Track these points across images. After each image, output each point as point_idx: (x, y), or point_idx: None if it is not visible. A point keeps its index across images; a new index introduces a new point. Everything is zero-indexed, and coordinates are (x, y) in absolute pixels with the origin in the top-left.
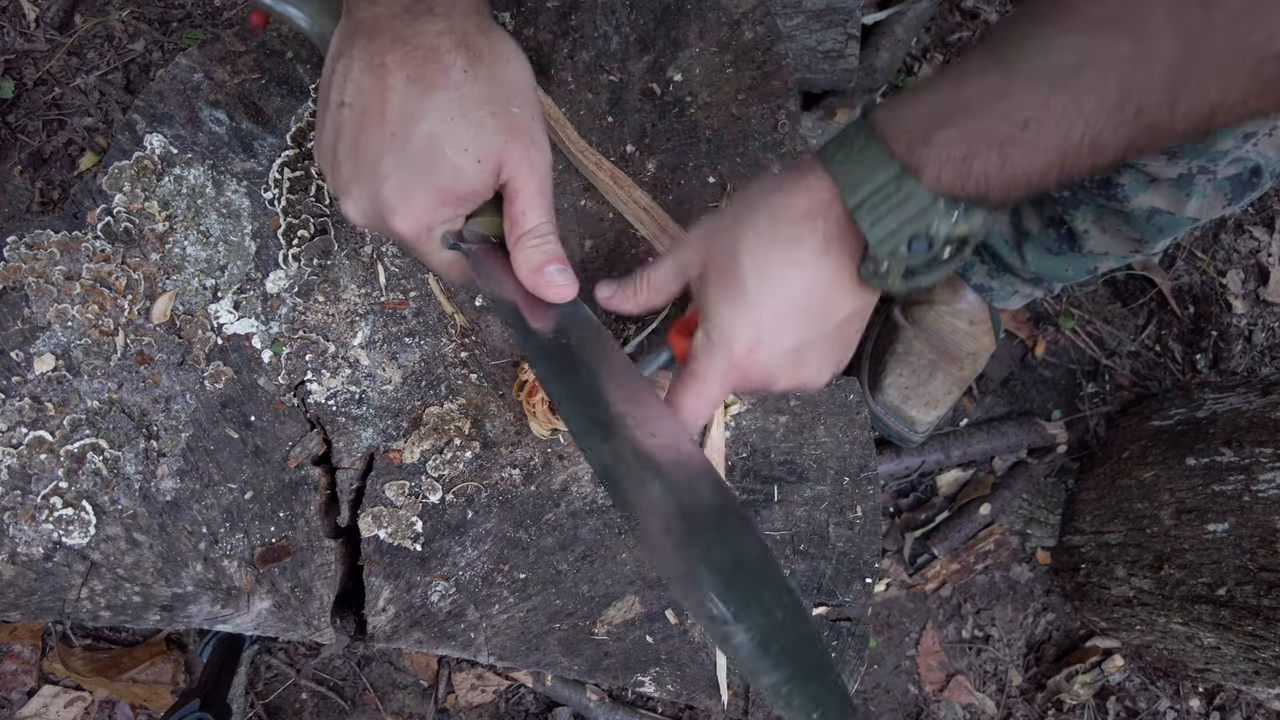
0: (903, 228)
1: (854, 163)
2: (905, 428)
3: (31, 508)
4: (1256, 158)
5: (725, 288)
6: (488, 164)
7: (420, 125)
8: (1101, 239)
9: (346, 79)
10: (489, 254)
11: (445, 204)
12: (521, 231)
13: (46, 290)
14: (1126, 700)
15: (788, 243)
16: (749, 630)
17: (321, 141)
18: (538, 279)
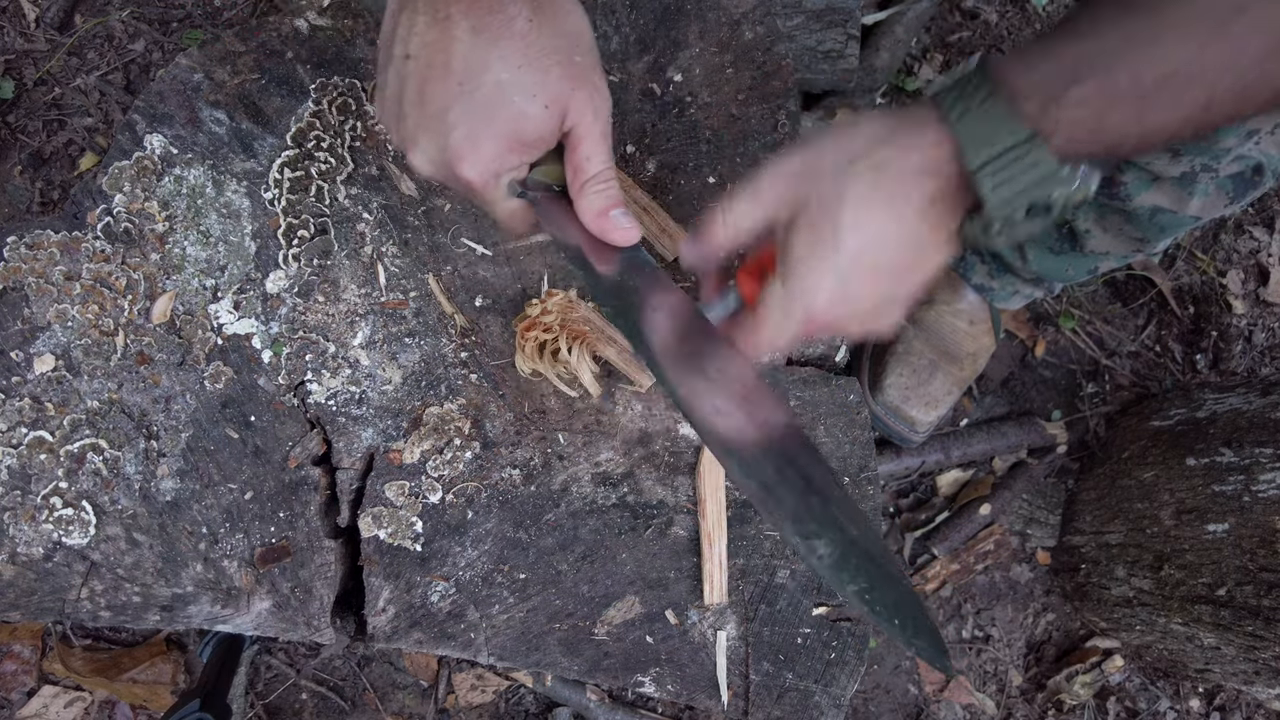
0: (1025, 194)
1: (977, 120)
2: (905, 428)
3: (31, 508)
4: (1259, 156)
5: (817, 241)
6: (554, 110)
7: (487, 74)
8: (1103, 238)
9: (411, 32)
10: (553, 201)
11: (513, 151)
12: (586, 177)
13: (46, 290)
14: (1126, 700)
15: (892, 199)
16: (829, 544)
17: (385, 95)
18: (603, 223)
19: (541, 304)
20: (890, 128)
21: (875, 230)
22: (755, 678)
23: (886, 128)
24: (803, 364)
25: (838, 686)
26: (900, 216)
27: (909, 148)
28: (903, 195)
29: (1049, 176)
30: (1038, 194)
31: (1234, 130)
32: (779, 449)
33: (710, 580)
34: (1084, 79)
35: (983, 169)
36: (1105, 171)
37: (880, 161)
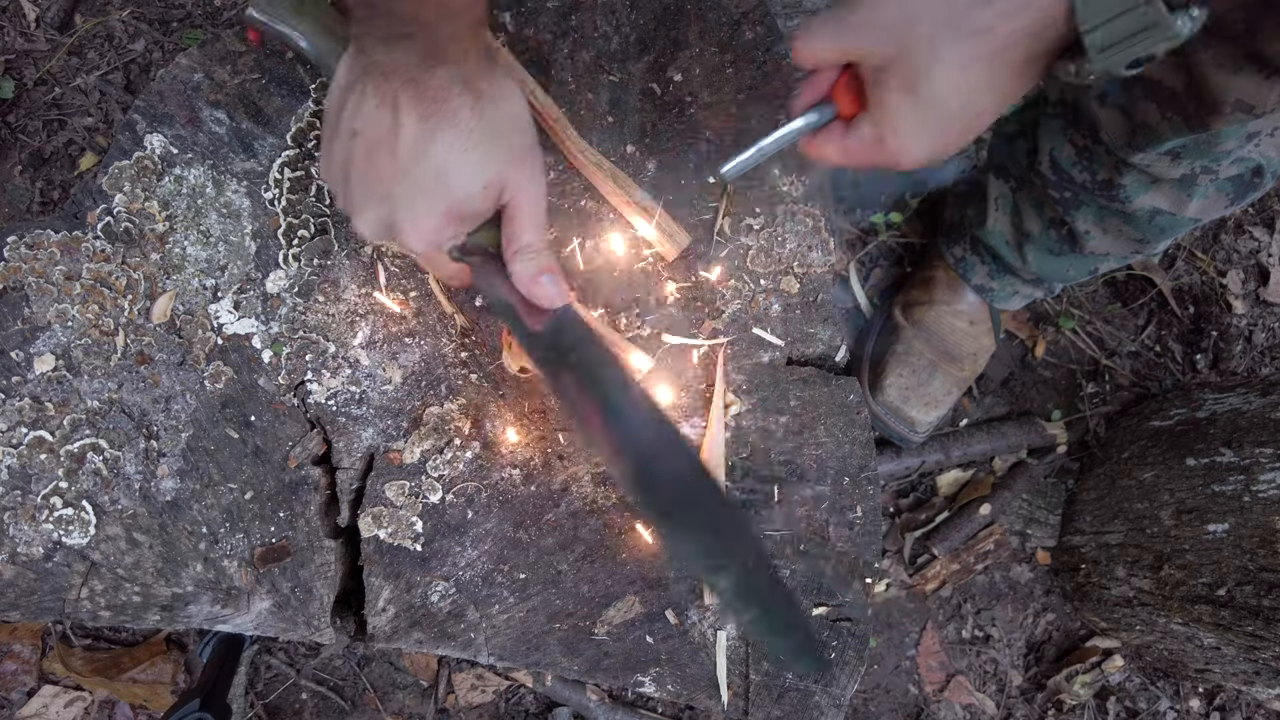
0: (1133, 51)
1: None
2: (905, 428)
3: (31, 508)
4: (1258, 158)
5: (914, 102)
6: (491, 189)
7: (430, 159)
8: (1103, 240)
9: (359, 111)
10: (489, 262)
11: (451, 224)
12: (518, 246)
13: (46, 290)
14: (1126, 700)
15: (992, 65)
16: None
17: (331, 164)
18: (533, 287)
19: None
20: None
21: (969, 91)
22: (755, 678)
23: None
24: (803, 364)
25: (838, 686)
26: (998, 79)
27: (1015, 10)
28: (1002, 58)
29: (1163, 34)
30: (1146, 50)
31: (1235, 132)
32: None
33: None
34: None
35: (1094, 31)
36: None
37: (983, 25)
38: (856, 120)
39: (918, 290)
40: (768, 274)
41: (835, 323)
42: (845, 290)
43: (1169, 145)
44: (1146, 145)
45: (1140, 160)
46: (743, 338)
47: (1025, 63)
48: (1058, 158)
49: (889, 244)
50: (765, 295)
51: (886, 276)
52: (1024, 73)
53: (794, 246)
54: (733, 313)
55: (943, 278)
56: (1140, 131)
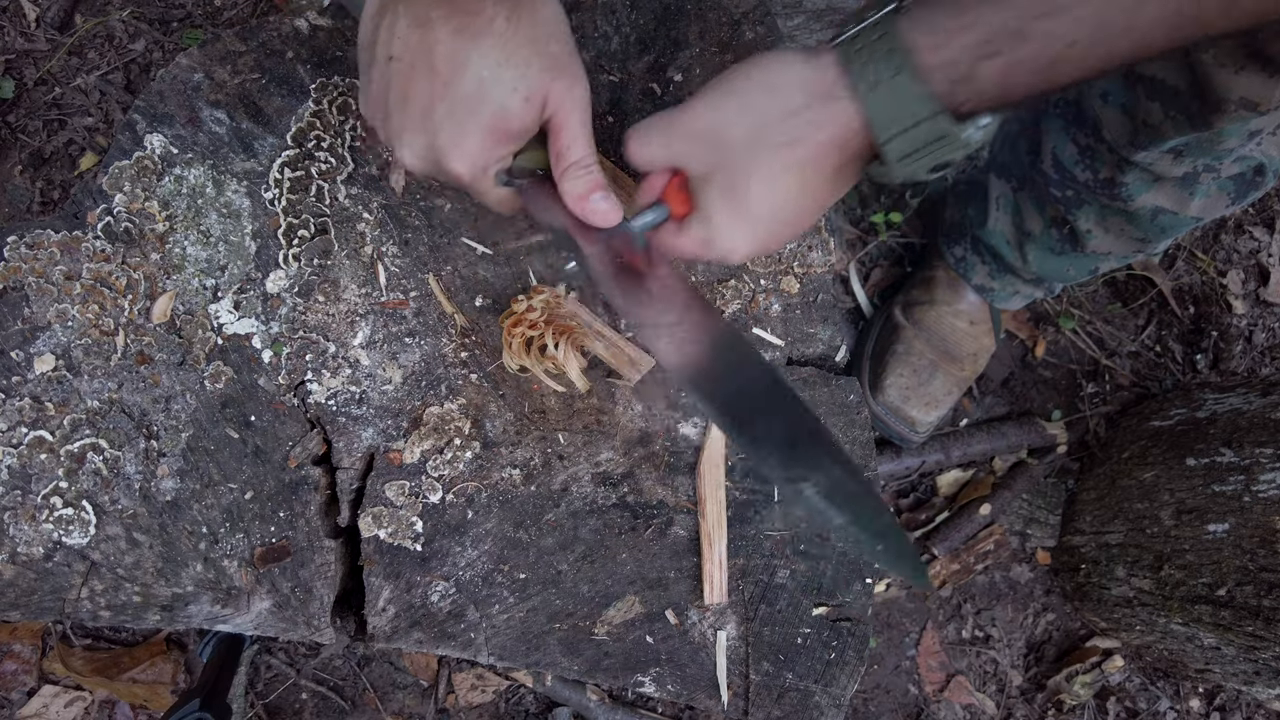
0: (930, 159)
1: (887, 96)
2: (906, 428)
3: (31, 507)
4: (1260, 156)
5: (735, 207)
6: (534, 102)
7: (469, 72)
8: (1104, 239)
9: (393, 34)
10: (538, 186)
11: (498, 144)
12: (567, 164)
13: (47, 290)
14: (1126, 701)
15: (802, 171)
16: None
17: (370, 94)
18: (584, 205)
19: (527, 300)
20: (800, 101)
21: (786, 199)
22: (755, 678)
23: (795, 101)
24: (803, 364)
25: (838, 686)
26: (809, 185)
27: (819, 124)
28: (813, 166)
29: (953, 144)
30: (941, 158)
31: (1236, 130)
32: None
33: (710, 580)
34: (993, 55)
35: (890, 142)
36: (1004, 115)
37: (791, 137)
38: (687, 221)
39: (918, 290)
40: (768, 274)
41: (835, 323)
42: (845, 290)
43: (1172, 144)
44: (1149, 144)
45: (1143, 159)
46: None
47: (835, 170)
48: (1060, 156)
49: (889, 244)
50: (765, 295)
51: (886, 276)
52: (835, 179)
53: (794, 246)
54: (733, 313)
55: (943, 277)
56: (1143, 130)
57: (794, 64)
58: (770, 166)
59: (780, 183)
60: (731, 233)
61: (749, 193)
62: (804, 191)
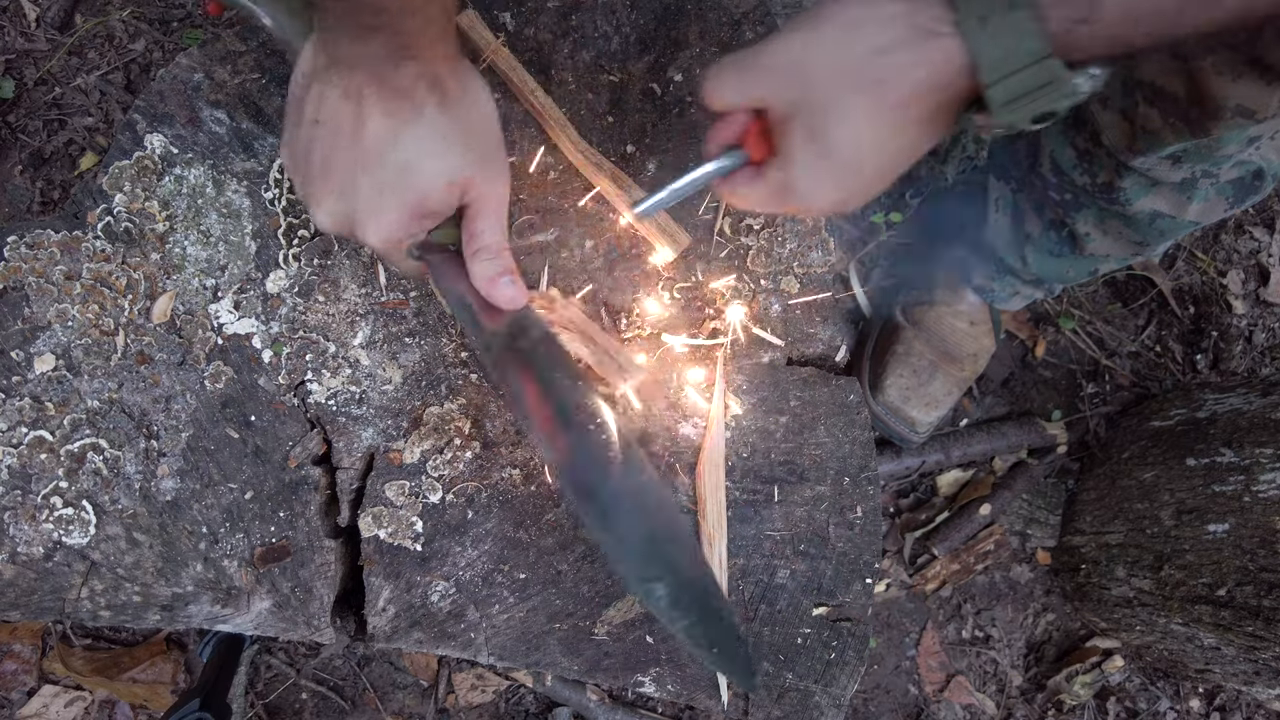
0: (1036, 107)
1: (997, 34)
2: (906, 428)
3: (32, 507)
4: (1259, 161)
5: (817, 151)
6: (455, 189)
7: (394, 154)
8: (1103, 241)
9: (322, 101)
10: (448, 261)
11: (413, 221)
12: (478, 247)
13: (47, 290)
14: (1126, 701)
15: (894, 115)
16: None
17: (293, 151)
18: (492, 290)
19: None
20: (898, 35)
21: (875, 144)
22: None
23: (892, 35)
24: (803, 364)
25: (838, 686)
26: (901, 129)
27: (916, 64)
28: (904, 111)
29: (1063, 91)
30: (1048, 106)
31: (1236, 136)
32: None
33: None
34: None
35: (997, 85)
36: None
37: (883, 75)
38: (765, 166)
39: None
40: (768, 274)
41: (835, 323)
42: (845, 290)
43: (1170, 149)
44: (1148, 149)
45: (1141, 164)
46: (743, 337)
47: (929, 115)
48: (1059, 160)
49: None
50: (765, 295)
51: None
52: (929, 124)
53: (794, 246)
54: (736, 319)
55: None
56: (1142, 136)
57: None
58: (860, 107)
59: (870, 125)
60: (813, 179)
61: (835, 135)
62: (895, 136)
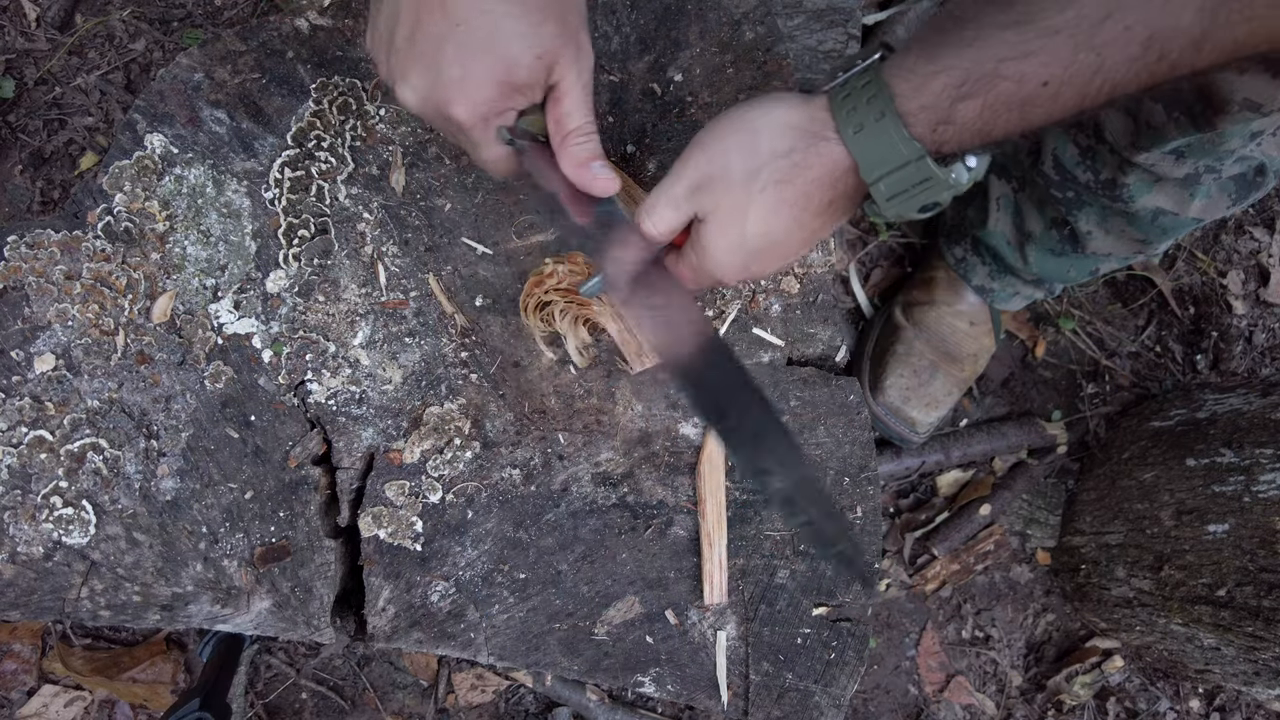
0: (918, 199)
1: (871, 139)
2: (906, 428)
3: (31, 507)
4: (1261, 157)
5: (729, 240)
6: (544, 61)
7: (484, 18)
8: (1105, 240)
9: None
10: (537, 151)
11: (504, 95)
12: (568, 130)
13: (47, 290)
14: (1126, 701)
15: (794, 208)
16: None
17: (377, 29)
18: (583, 173)
19: (553, 266)
20: (790, 143)
21: (779, 233)
22: (755, 678)
23: (787, 142)
24: (803, 364)
25: (837, 686)
26: (801, 220)
27: (809, 165)
28: (803, 203)
29: (942, 184)
30: (930, 199)
31: (1239, 131)
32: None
33: (710, 580)
34: (969, 96)
35: (878, 182)
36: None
37: (782, 176)
38: (684, 250)
39: (918, 291)
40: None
41: (835, 323)
42: (845, 290)
43: (1174, 145)
44: (1151, 145)
45: (1144, 160)
46: (743, 338)
47: (825, 206)
48: (1061, 157)
49: (889, 244)
50: (765, 295)
51: (886, 277)
52: (826, 214)
53: None
54: (733, 313)
55: (943, 278)
56: (1145, 131)
57: (786, 106)
58: (767, 203)
59: (776, 217)
60: (726, 261)
61: (744, 226)
62: (795, 225)
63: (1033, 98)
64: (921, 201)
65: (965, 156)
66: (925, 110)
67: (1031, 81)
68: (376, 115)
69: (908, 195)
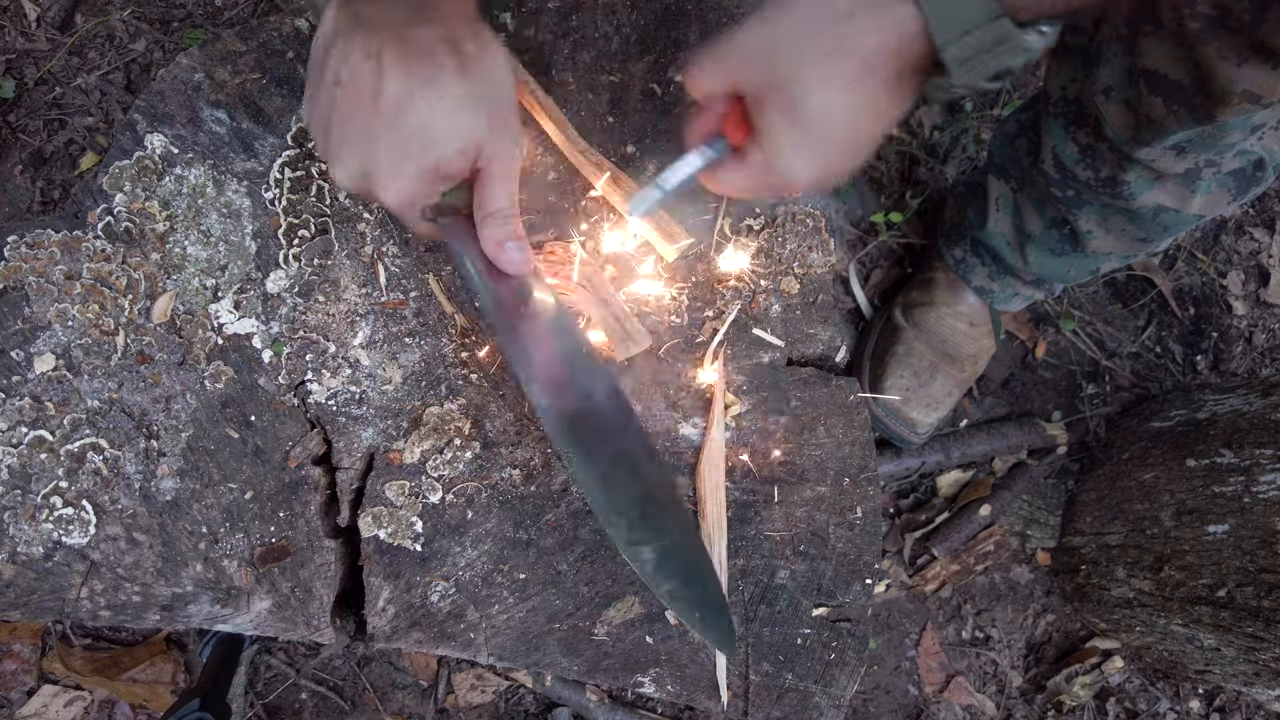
0: (991, 65)
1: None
2: (906, 429)
3: (31, 507)
4: (1261, 151)
5: (791, 124)
6: (469, 153)
7: (412, 115)
8: (1105, 239)
9: (344, 61)
10: (459, 223)
11: (430, 184)
12: (488, 211)
13: (47, 290)
14: (1126, 701)
15: (858, 80)
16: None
17: (315, 110)
18: (499, 254)
19: (551, 249)
20: (851, 5)
21: (844, 111)
22: (755, 678)
23: (851, 5)
24: (803, 364)
25: (837, 687)
26: (867, 95)
27: (873, 29)
28: (867, 75)
29: (1016, 48)
30: (1002, 64)
31: (1240, 124)
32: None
33: None
34: None
35: (949, 46)
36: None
37: (843, 43)
38: (746, 150)
39: (918, 291)
40: (768, 274)
41: (835, 323)
42: (845, 291)
43: (1175, 139)
44: (1152, 139)
45: (1145, 155)
46: (743, 338)
47: (894, 79)
48: (1061, 155)
49: (889, 244)
50: (765, 295)
51: (886, 277)
52: (895, 89)
53: (794, 247)
54: (733, 313)
55: (943, 279)
56: (1145, 125)
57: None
58: (825, 76)
59: (839, 92)
60: (792, 153)
61: (805, 106)
62: (863, 103)
63: None
64: (996, 67)
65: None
66: None
67: None
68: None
69: (980, 60)
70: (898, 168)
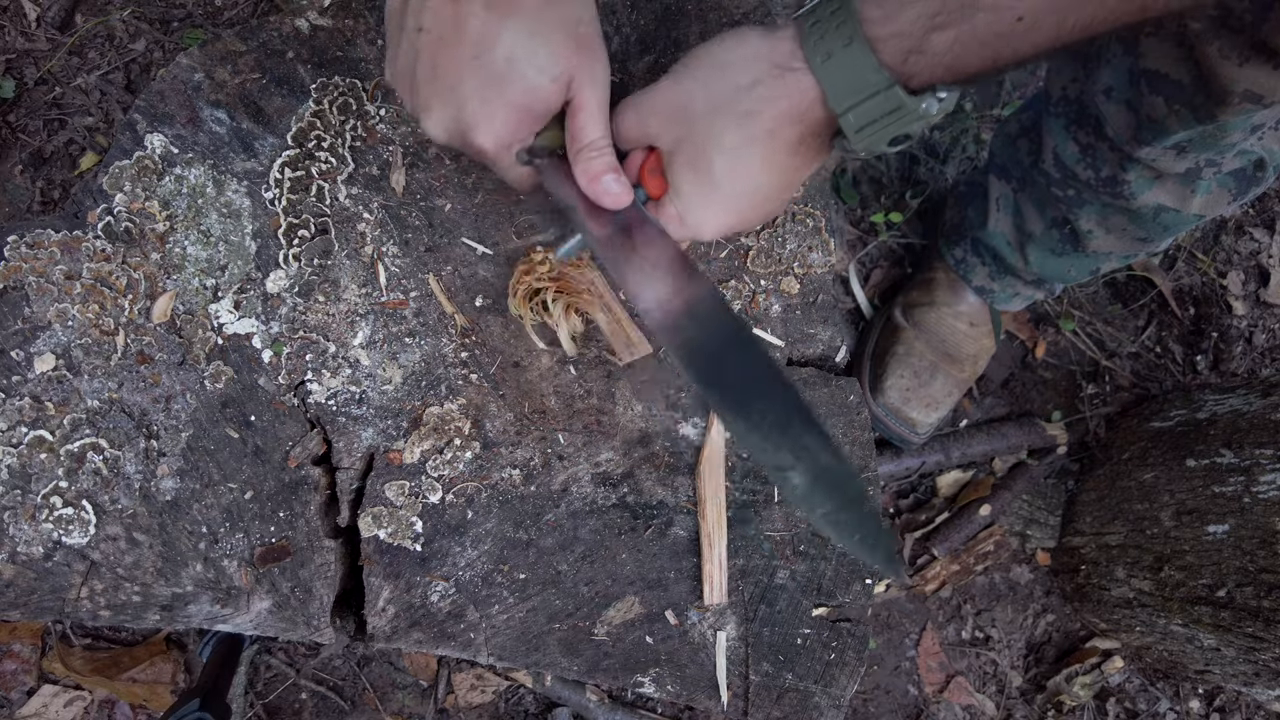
0: (887, 131)
1: (840, 66)
2: (906, 429)
3: (31, 507)
4: (1261, 151)
5: (701, 183)
6: (560, 83)
7: (499, 48)
8: (1105, 239)
9: (424, 6)
10: (555, 166)
11: (523, 122)
12: (581, 145)
13: (47, 290)
14: (1126, 702)
15: (763, 145)
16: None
17: (398, 64)
18: (595, 187)
19: (543, 253)
20: (758, 73)
21: (749, 172)
22: (755, 678)
23: (754, 74)
24: (803, 364)
25: (837, 687)
26: (771, 158)
27: (775, 97)
28: (772, 139)
29: (911, 114)
30: (900, 129)
31: (1241, 124)
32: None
33: (710, 580)
34: (943, 26)
35: (847, 112)
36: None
37: (749, 110)
38: (662, 200)
39: (918, 291)
40: (768, 274)
41: (835, 323)
42: (845, 291)
43: (1176, 138)
44: (1153, 139)
45: (1146, 155)
46: None
47: (796, 142)
48: (1061, 155)
49: (889, 244)
50: (765, 295)
51: (886, 277)
52: (798, 152)
53: (794, 247)
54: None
55: (943, 279)
56: (1146, 125)
57: (753, 38)
58: (731, 138)
59: (742, 155)
60: (700, 206)
61: (712, 165)
62: (767, 164)
63: (1007, 32)
64: (892, 133)
65: (936, 89)
66: (896, 38)
67: (1008, 14)
68: (376, 115)
69: (877, 126)
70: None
